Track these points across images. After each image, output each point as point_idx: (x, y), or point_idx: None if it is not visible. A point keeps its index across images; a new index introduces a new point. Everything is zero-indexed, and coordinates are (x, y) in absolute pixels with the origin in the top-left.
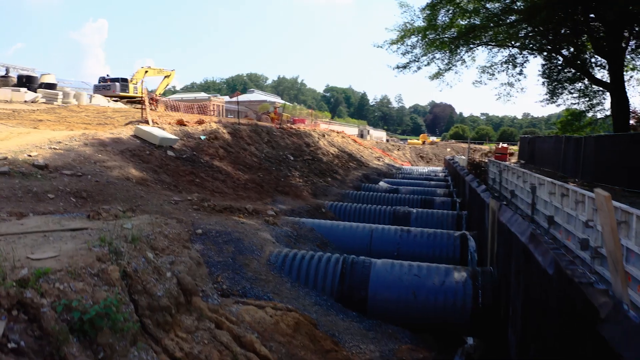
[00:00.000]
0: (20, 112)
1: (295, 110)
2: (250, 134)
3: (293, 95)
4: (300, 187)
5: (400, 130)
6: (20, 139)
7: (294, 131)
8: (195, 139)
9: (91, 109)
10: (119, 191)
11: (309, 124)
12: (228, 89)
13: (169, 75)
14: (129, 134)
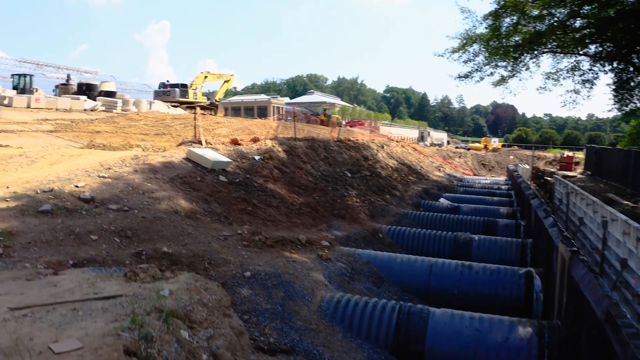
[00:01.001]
0: (78, 122)
1: (355, 111)
2: (307, 151)
3: (353, 96)
4: (357, 209)
5: (461, 131)
6: (70, 163)
7: (352, 144)
8: (249, 159)
9: (150, 117)
10: (166, 227)
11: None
12: (288, 90)
13: (229, 80)
14: (181, 157)
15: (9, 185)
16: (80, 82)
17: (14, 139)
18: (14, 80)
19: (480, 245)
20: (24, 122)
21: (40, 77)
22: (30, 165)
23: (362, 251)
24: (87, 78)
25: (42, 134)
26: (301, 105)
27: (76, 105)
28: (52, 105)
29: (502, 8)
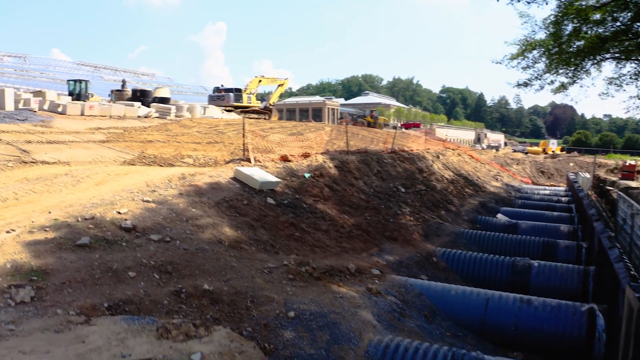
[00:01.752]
0: (131, 131)
1: (410, 113)
2: (359, 166)
3: (408, 97)
4: (410, 229)
5: (518, 132)
6: (116, 183)
7: (407, 155)
8: (299, 177)
9: (204, 123)
10: (208, 261)
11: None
12: (343, 91)
13: (283, 84)
14: (228, 177)
15: (51, 209)
16: (134, 88)
17: (65, 150)
18: (69, 86)
19: (539, 273)
20: (77, 131)
21: (98, 79)
22: (75, 186)
23: (414, 281)
24: (144, 80)
25: (94, 144)
26: (356, 106)
27: (130, 112)
28: (106, 112)
29: (564, 16)
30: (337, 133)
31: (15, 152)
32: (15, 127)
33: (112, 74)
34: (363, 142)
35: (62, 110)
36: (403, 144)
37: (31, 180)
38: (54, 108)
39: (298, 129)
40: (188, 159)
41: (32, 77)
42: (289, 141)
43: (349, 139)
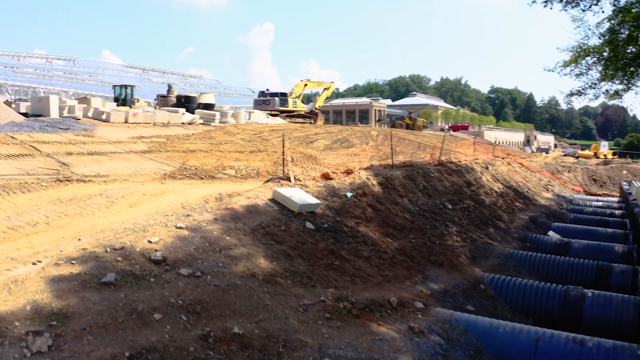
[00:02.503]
0: (174, 139)
1: (459, 114)
2: (404, 182)
3: (456, 97)
4: (457, 251)
5: (569, 134)
6: (150, 205)
7: (454, 167)
8: (341, 197)
9: (248, 129)
10: (240, 298)
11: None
12: (390, 91)
13: (329, 88)
14: (266, 198)
15: (82, 235)
16: (179, 94)
17: (105, 163)
18: (115, 91)
19: (593, 303)
20: (119, 140)
21: (146, 82)
22: (109, 208)
23: (459, 315)
24: (192, 83)
25: (135, 155)
26: (403, 107)
27: (174, 118)
28: (149, 119)
29: (620, 23)
30: (383, 138)
31: (55, 165)
32: (58, 137)
33: (160, 76)
34: (410, 147)
35: (105, 117)
36: (450, 150)
37: (64, 202)
38: (98, 115)
39: (344, 134)
40: (230, 170)
41: (80, 81)
42: (334, 148)
43: (395, 144)
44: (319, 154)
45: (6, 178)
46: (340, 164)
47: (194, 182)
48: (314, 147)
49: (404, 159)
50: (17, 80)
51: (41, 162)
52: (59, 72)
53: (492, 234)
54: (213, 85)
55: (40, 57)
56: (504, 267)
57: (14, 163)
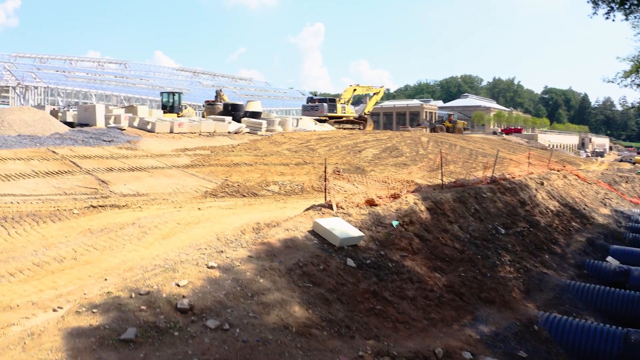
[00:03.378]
0: (218, 151)
1: (511, 117)
2: (454, 205)
3: (509, 98)
4: (509, 284)
5: (624, 135)
6: (184, 236)
7: (508, 184)
8: (386, 226)
9: (295, 138)
10: (270, 356)
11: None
12: (442, 92)
13: (378, 92)
14: (306, 230)
15: (109, 274)
16: (226, 102)
17: (145, 179)
18: (162, 98)
19: None
20: (162, 154)
21: (197, 85)
22: (141, 240)
23: None
24: (241, 85)
25: (177, 170)
26: (454, 109)
27: (220, 127)
28: (195, 129)
29: None
30: (434, 145)
31: (94, 183)
32: (100, 150)
33: (210, 79)
34: (461, 155)
35: (151, 127)
36: (503, 158)
37: (95, 233)
38: (144, 125)
39: (393, 142)
40: (273, 186)
41: (131, 84)
42: (383, 157)
43: (445, 152)
44: (367, 164)
45: (42, 199)
46: (388, 177)
47: (235, 202)
48: (362, 158)
49: (454, 169)
50: (68, 84)
51: (80, 180)
52: (110, 75)
53: (547, 261)
54: (263, 88)
55: (92, 61)
56: (560, 302)
57: (52, 182)
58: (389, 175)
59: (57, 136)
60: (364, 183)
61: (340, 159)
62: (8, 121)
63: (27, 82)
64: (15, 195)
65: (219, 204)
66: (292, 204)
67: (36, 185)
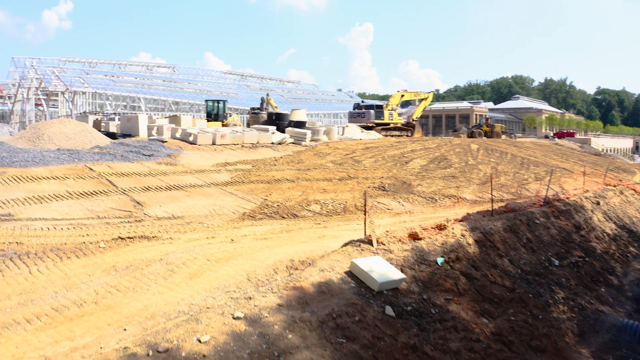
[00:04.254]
0: (259, 165)
1: (564, 120)
2: (505, 236)
3: (561, 99)
4: (562, 327)
5: None
6: (213, 275)
7: (562, 206)
8: (430, 264)
9: (340, 148)
10: None
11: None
12: (492, 93)
13: (426, 98)
14: (342, 271)
15: (129, 322)
16: (270, 112)
17: (182, 200)
18: (207, 106)
19: None
20: (202, 169)
21: (244, 89)
22: (167, 280)
23: None
24: (289, 89)
25: (215, 189)
26: (505, 111)
27: (263, 138)
28: (238, 140)
29: None
30: (484, 153)
31: (128, 205)
32: (139, 166)
33: (258, 82)
34: (512, 165)
35: (192, 139)
36: (556, 167)
37: (119, 271)
38: (186, 137)
39: (441, 151)
40: (314, 205)
41: (179, 89)
42: (431, 169)
43: (495, 161)
44: (414, 178)
45: (74, 223)
46: (436, 193)
47: (272, 227)
48: (408, 170)
49: (505, 181)
50: (116, 89)
51: (115, 201)
52: (159, 80)
53: (602, 295)
54: (310, 91)
55: (141, 65)
56: (616, 345)
57: (86, 203)
58: (436, 191)
59: (96, 150)
60: (410, 200)
61: (386, 171)
62: (48, 134)
63: (75, 88)
64: (46, 220)
65: (255, 229)
66: (332, 229)
67: (69, 207)
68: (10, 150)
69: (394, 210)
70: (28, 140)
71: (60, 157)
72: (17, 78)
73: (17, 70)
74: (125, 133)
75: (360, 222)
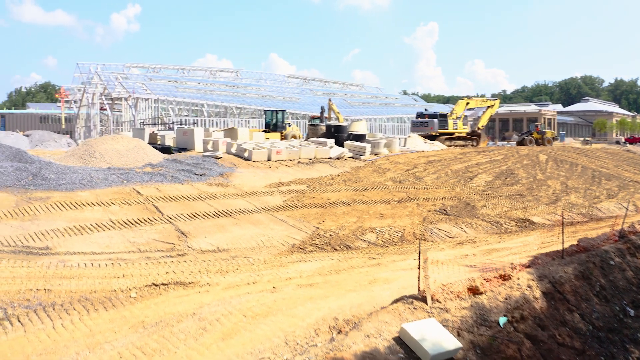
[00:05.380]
0: (315, 184)
1: (635, 124)
2: (576, 284)
3: (632, 100)
4: None
5: None
6: (248, 335)
7: (639, 241)
8: (491, 325)
9: (401, 163)
10: None
11: None
12: (560, 94)
13: (493, 105)
14: (391, 337)
15: None
16: (329, 124)
17: (229, 229)
18: (266, 116)
19: None
20: (254, 191)
21: (307, 93)
22: (197, 340)
23: None
24: (352, 92)
25: (266, 215)
26: (574, 114)
27: (321, 153)
28: (294, 156)
29: None
30: (553, 165)
31: (172, 236)
32: (189, 188)
33: (321, 86)
34: (582, 180)
35: (247, 155)
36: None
37: (148, 328)
38: (241, 152)
39: (508, 164)
40: (370, 234)
41: (242, 94)
42: (497, 186)
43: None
44: (478, 198)
45: (113, 258)
46: (502, 215)
47: (322, 261)
48: (472, 187)
49: (575, 199)
50: (178, 95)
51: (159, 231)
52: (221, 85)
53: None
54: (374, 95)
55: (204, 70)
56: None
57: (128, 235)
58: (502, 213)
59: (148, 168)
60: (473, 226)
61: (448, 190)
62: (100, 152)
63: (137, 95)
64: (84, 254)
65: (302, 268)
66: (385, 267)
67: (110, 239)
68: (58, 171)
69: (456, 238)
70: (80, 158)
71: (109, 178)
72: (82, 83)
73: (82, 76)
74: (181, 147)
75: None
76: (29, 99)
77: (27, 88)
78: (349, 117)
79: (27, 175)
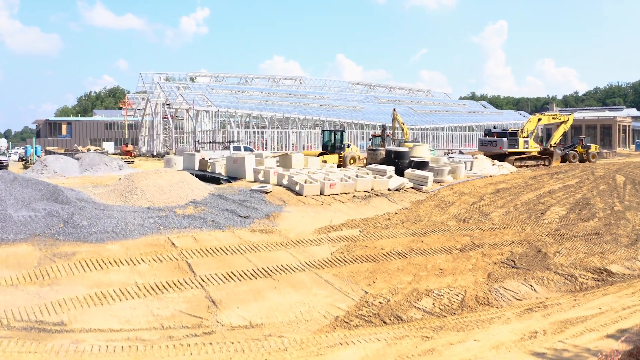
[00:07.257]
0: (369, 228)
1: None
2: None
3: None
4: None
5: None
6: None
7: None
8: None
9: (466, 194)
10: None
11: None
12: (634, 95)
13: (566, 121)
14: None
15: None
16: (388, 149)
17: (265, 295)
18: (323, 137)
19: None
20: (300, 239)
21: (372, 100)
22: None
23: None
24: (418, 99)
25: (309, 275)
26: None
27: (378, 184)
28: (349, 189)
29: None
30: (632, 191)
31: (201, 306)
32: (229, 237)
33: (386, 92)
34: None
35: (299, 189)
36: None
37: None
38: (292, 185)
39: (583, 191)
40: (426, 299)
41: (304, 104)
42: (571, 222)
43: None
44: (551, 241)
45: (131, 339)
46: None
47: (368, 344)
48: (544, 225)
49: None
50: (239, 107)
51: (187, 299)
52: (284, 94)
53: None
54: (441, 101)
55: (267, 78)
56: None
57: (152, 304)
58: (576, 262)
59: (190, 207)
60: (545, 282)
61: (517, 231)
62: (141, 188)
63: (197, 107)
64: (101, 332)
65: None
66: (440, 353)
67: (132, 311)
68: (92, 216)
69: (524, 300)
70: (120, 195)
71: (145, 223)
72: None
73: (145, 86)
74: (231, 176)
75: (480, 330)
76: (98, 103)
77: (97, 92)
78: (414, 126)
79: (58, 221)
